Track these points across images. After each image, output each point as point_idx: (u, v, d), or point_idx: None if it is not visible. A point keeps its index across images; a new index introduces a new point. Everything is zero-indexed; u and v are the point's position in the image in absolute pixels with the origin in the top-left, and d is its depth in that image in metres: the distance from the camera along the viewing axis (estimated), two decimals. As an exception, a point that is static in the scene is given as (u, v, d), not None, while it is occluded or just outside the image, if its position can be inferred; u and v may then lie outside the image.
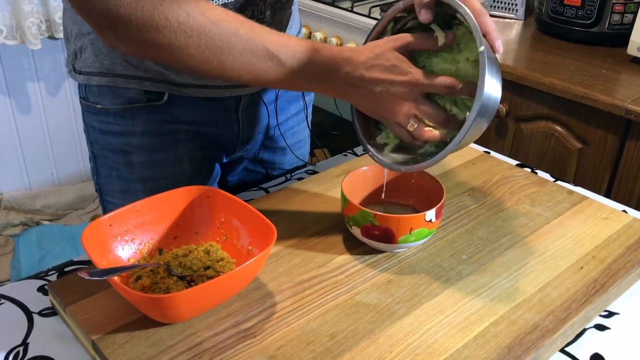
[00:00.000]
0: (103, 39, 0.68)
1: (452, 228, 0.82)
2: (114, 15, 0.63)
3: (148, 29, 0.64)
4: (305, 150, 1.10)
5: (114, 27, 0.64)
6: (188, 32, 0.64)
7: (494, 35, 0.66)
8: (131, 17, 0.63)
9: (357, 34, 1.81)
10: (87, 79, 0.84)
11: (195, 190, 0.74)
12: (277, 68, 0.68)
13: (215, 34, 0.65)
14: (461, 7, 0.65)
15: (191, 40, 0.65)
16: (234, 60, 0.66)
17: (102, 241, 0.69)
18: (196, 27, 0.64)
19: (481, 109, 0.64)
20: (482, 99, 0.64)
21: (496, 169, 0.98)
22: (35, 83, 2.20)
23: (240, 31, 0.66)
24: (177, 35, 0.64)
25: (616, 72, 1.41)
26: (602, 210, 0.87)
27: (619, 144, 1.32)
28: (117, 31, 0.65)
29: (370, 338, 0.64)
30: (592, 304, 0.70)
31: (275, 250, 0.77)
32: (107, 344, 0.62)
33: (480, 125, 0.67)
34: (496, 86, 0.66)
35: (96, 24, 0.67)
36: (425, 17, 0.67)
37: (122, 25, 0.64)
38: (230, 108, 0.91)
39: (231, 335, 0.64)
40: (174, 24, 0.64)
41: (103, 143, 0.88)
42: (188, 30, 0.64)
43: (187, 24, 0.64)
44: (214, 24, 0.65)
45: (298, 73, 0.68)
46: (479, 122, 0.66)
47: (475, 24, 0.65)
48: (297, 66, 0.68)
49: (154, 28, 0.64)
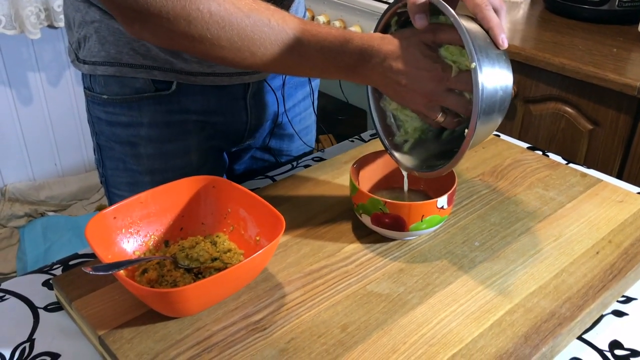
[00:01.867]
0: (130, 30, 0.66)
1: (463, 214, 0.80)
2: (143, 7, 0.62)
3: (179, 21, 0.62)
4: (312, 136, 1.08)
5: (144, 19, 0.63)
6: (220, 23, 0.63)
7: (496, 31, 0.64)
8: (162, 8, 0.61)
9: (361, 17, 1.78)
10: (92, 69, 0.82)
11: (201, 180, 0.73)
12: (308, 59, 0.67)
13: (247, 24, 0.64)
14: (452, 17, 0.63)
15: (223, 32, 0.63)
16: (266, 51, 0.66)
17: (107, 234, 0.67)
18: (228, 17, 0.63)
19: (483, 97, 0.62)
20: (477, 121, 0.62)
21: (507, 152, 0.96)
22: (36, 73, 2.18)
23: (272, 21, 0.65)
24: (209, 26, 0.63)
25: (627, 50, 1.38)
26: (617, 193, 0.85)
27: (631, 124, 1.30)
28: (147, 23, 0.63)
29: (383, 329, 0.62)
30: (610, 290, 0.68)
31: (284, 240, 0.75)
32: (114, 340, 0.61)
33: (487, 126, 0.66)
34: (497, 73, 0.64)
35: (124, 16, 0.65)
36: (421, 24, 0.66)
37: (153, 17, 0.62)
38: (238, 96, 0.89)
39: (240, 328, 0.62)
40: (206, 15, 0.62)
41: (109, 134, 0.87)
42: (220, 21, 0.63)
43: (219, 14, 0.63)
44: (246, 15, 0.64)
45: (328, 63, 0.68)
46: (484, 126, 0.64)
47: (467, 36, 0.62)
48: (328, 57, 0.67)
49: (185, 19, 0.62)
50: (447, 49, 0.68)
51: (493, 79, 0.63)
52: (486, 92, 0.62)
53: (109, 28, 0.78)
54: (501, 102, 0.65)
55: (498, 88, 0.64)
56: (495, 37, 0.64)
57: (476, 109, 0.62)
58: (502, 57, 0.65)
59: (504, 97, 0.65)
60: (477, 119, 0.62)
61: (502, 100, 0.65)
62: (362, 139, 1.05)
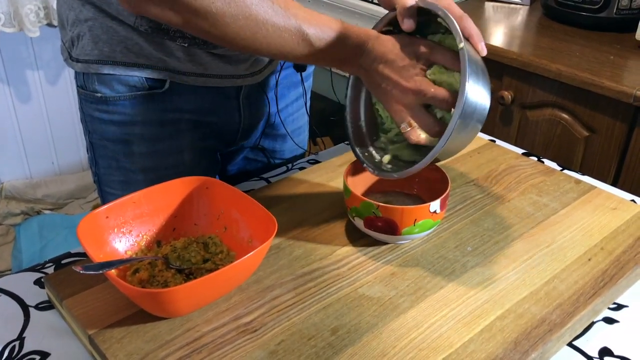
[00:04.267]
0: (128, 3, 0.66)
1: (457, 219, 0.80)
2: None
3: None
4: (305, 136, 1.08)
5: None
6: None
7: (476, 38, 0.68)
8: None
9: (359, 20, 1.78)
10: (85, 67, 0.82)
11: (194, 181, 0.73)
12: (306, 46, 0.68)
13: (251, 3, 0.65)
14: (440, 10, 0.67)
15: (227, 7, 0.64)
16: (267, 34, 0.66)
17: (99, 234, 0.67)
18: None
19: (464, 112, 0.64)
20: (465, 98, 0.64)
21: (502, 158, 0.96)
22: (35, 71, 2.18)
23: (275, 4, 0.66)
24: (214, 0, 0.63)
25: (624, 58, 1.38)
26: (611, 200, 0.85)
27: (627, 131, 1.30)
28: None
29: (373, 332, 0.62)
30: (601, 297, 0.68)
31: (276, 242, 0.75)
32: (104, 339, 0.61)
33: (465, 131, 0.67)
34: (480, 90, 0.66)
35: None
36: (408, 26, 0.69)
37: None
38: (231, 95, 0.89)
39: (231, 329, 0.62)
40: None
41: (102, 133, 0.86)
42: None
43: None
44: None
45: (324, 53, 0.70)
46: (463, 128, 0.66)
47: (455, 23, 0.66)
48: (325, 47, 0.69)
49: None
50: (439, 69, 0.70)
51: (476, 94, 0.65)
52: (467, 103, 0.64)
53: (103, 26, 0.78)
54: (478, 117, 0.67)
55: (478, 103, 0.66)
56: (475, 44, 0.67)
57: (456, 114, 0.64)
58: (482, 66, 0.68)
59: (481, 114, 0.68)
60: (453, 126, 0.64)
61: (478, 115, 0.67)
62: (357, 142, 1.05)
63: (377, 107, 0.79)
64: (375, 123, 0.80)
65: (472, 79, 0.64)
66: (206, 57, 0.82)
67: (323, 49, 0.69)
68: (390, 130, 0.78)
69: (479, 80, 0.66)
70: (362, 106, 0.80)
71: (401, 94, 0.70)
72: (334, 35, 0.69)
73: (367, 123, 0.80)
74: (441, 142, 0.66)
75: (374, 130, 0.79)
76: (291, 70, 0.98)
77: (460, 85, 0.64)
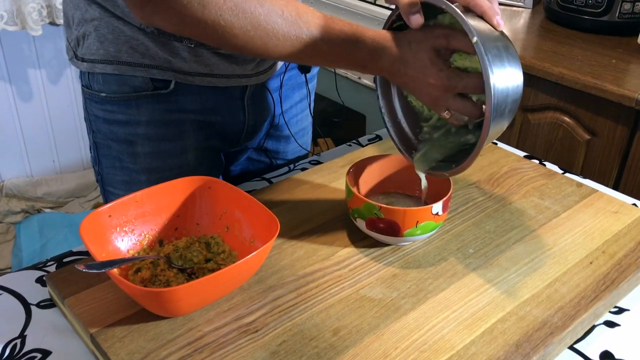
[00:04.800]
0: (140, 13, 0.65)
1: (459, 221, 0.80)
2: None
3: (193, 4, 0.62)
4: (308, 138, 1.08)
5: (155, 1, 0.62)
6: (234, 10, 0.63)
7: (490, 13, 0.65)
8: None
9: (362, 21, 1.78)
10: (90, 67, 0.82)
11: (197, 180, 0.73)
12: (319, 53, 0.68)
13: (260, 13, 0.64)
14: (444, 4, 0.64)
15: (236, 19, 0.63)
16: (278, 42, 0.66)
17: (101, 232, 0.67)
18: (242, 4, 0.63)
19: (496, 104, 0.62)
20: (493, 92, 0.62)
21: (504, 160, 0.96)
22: (37, 70, 2.18)
23: (285, 13, 0.65)
24: (222, 12, 0.62)
25: (626, 62, 1.38)
26: (612, 204, 0.85)
27: (629, 135, 1.30)
28: (160, 5, 0.62)
29: (374, 334, 0.63)
30: (602, 300, 0.68)
31: (278, 242, 0.75)
32: (105, 338, 0.61)
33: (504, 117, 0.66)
34: (508, 73, 0.64)
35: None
36: (416, 23, 0.67)
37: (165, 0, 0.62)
38: (236, 96, 0.89)
39: (232, 329, 0.62)
40: (220, 0, 0.62)
41: (106, 132, 0.86)
42: (234, 7, 0.63)
43: (233, 0, 0.62)
44: (259, 3, 0.64)
45: (340, 58, 0.69)
46: (499, 116, 0.64)
47: (462, 16, 0.63)
48: (340, 52, 0.68)
49: (199, 3, 0.62)
50: (460, 56, 0.69)
51: (503, 76, 0.63)
52: (497, 90, 0.62)
53: (109, 26, 0.78)
54: (512, 98, 0.65)
55: (509, 87, 0.64)
56: (490, 20, 0.65)
57: (489, 110, 0.62)
58: (511, 51, 0.65)
59: (515, 94, 0.65)
60: (490, 121, 0.63)
61: (513, 96, 0.65)
62: (359, 143, 1.05)
63: (410, 99, 0.78)
64: (414, 114, 0.78)
65: (495, 67, 0.62)
66: (212, 58, 0.82)
67: (338, 54, 0.68)
68: (431, 117, 0.77)
69: (503, 62, 0.63)
70: (396, 101, 0.78)
71: (431, 90, 0.68)
72: (349, 40, 0.68)
73: (406, 116, 0.78)
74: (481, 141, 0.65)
75: (416, 122, 0.78)
76: (296, 72, 0.98)
77: (485, 83, 0.61)
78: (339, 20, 0.68)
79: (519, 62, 0.66)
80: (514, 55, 0.65)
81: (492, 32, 0.65)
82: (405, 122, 0.79)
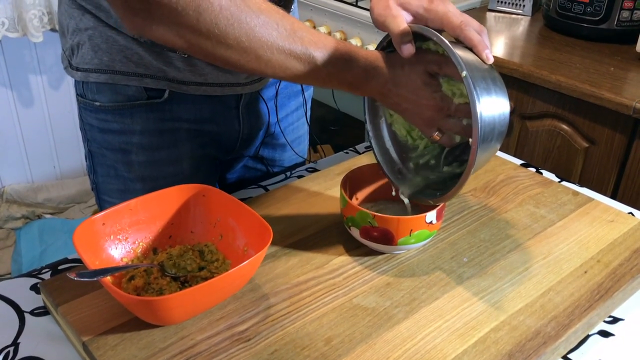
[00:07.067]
0: (131, 24, 0.63)
1: (453, 229, 0.80)
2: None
3: (188, 12, 0.60)
4: (305, 146, 1.08)
5: (149, 9, 0.60)
6: (229, 19, 0.61)
7: (480, 47, 0.66)
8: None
9: (361, 29, 1.78)
10: (84, 76, 0.82)
11: (191, 188, 0.73)
12: (312, 70, 0.67)
13: (256, 24, 0.63)
14: (435, 35, 0.65)
15: (231, 29, 0.62)
16: (272, 56, 0.64)
17: (95, 240, 0.67)
18: (237, 14, 0.62)
19: (483, 135, 0.63)
20: (480, 123, 0.62)
21: (500, 168, 0.96)
22: (38, 76, 2.19)
23: (280, 26, 0.64)
24: (217, 20, 0.61)
25: (624, 70, 1.38)
26: (608, 213, 0.85)
27: (627, 143, 1.30)
28: (152, 13, 0.60)
29: (367, 343, 0.62)
30: (596, 310, 0.68)
31: (272, 250, 0.75)
32: (98, 346, 0.61)
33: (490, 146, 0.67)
34: (495, 104, 0.65)
35: (127, 6, 0.61)
36: (407, 53, 0.68)
37: (160, 7, 0.60)
38: (230, 105, 0.89)
39: (225, 338, 0.62)
40: (216, 8, 0.60)
41: (101, 141, 0.87)
42: (229, 16, 0.61)
43: (229, 9, 0.61)
44: (256, 15, 0.63)
45: (332, 77, 0.68)
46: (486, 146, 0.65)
47: (452, 49, 0.63)
48: (332, 71, 0.67)
49: (194, 10, 0.60)
50: (449, 82, 0.70)
51: (490, 108, 0.64)
52: (484, 121, 0.63)
53: (102, 35, 0.79)
54: (499, 129, 0.66)
55: (495, 116, 0.65)
56: (479, 54, 0.66)
57: (476, 137, 0.63)
58: (498, 84, 0.66)
59: (502, 125, 0.67)
60: (477, 148, 0.63)
61: (499, 128, 0.66)
62: (356, 150, 1.05)
63: (395, 128, 0.79)
64: (400, 142, 0.79)
65: (483, 98, 0.63)
66: (206, 67, 0.82)
67: (331, 72, 0.67)
68: (417, 146, 0.78)
69: (490, 94, 0.64)
70: (384, 128, 0.79)
71: (424, 111, 0.70)
72: (342, 58, 0.67)
73: (393, 141, 0.79)
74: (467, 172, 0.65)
75: (403, 149, 0.79)
76: None
77: (472, 114, 0.62)
78: (333, 39, 0.68)
79: (505, 93, 0.67)
80: (501, 86, 0.67)
81: (481, 64, 0.66)
82: (392, 148, 0.80)
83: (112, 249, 0.69)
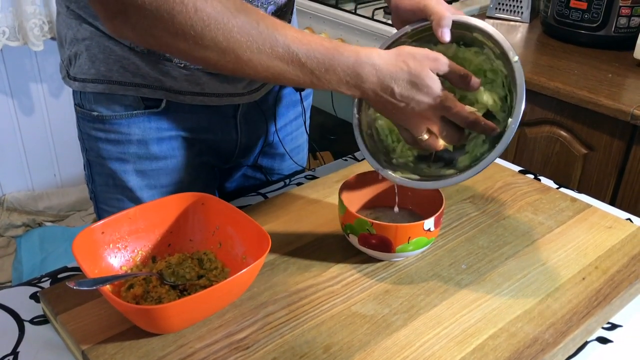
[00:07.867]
0: (111, 26, 0.63)
1: (452, 236, 0.81)
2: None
3: (162, 15, 0.60)
4: (304, 155, 1.08)
5: (126, 11, 0.60)
6: (205, 21, 0.60)
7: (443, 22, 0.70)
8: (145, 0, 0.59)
9: (361, 36, 1.79)
10: (82, 86, 0.83)
11: (190, 197, 0.73)
12: (297, 68, 0.64)
13: (233, 25, 0.61)
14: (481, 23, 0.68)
15: (207, 30, 0.61)
16: (252, 55, 0.62)
17: (94, 249, 0.68)
18: (214, 15, 0.60)
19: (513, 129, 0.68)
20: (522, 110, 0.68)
21: (498, 175, 0.96)
22: (38, 84, 2.19)
23: (260, 25, 0.62)
24: (193, 22, 0.60)
25: (622, 76, 1.39)
26: (606, 219, 0.85)
27: (625, 149, 1.30)
28: (129, 16, 0.60)
29: (365, 350, 0.63)
30: (595, 317, 0.68)
31: (271, 258, 0.75)
32: (97, 354, 0.61)
33: None
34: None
35: (106, 10, 0.62)
36: (447, 36, 0.69)
37: (135, 9, 0.60)
38: (228, 114, 0.89)
39: (223, 346, 0.63)
40: (191, 10, 0.60)
41: (99, 151, 0.87)
42: (205, 18, 0.60)
43: (205, 11, 0.60)
44: (233, 15, 0.61)
45: (319, 75, 0.65)
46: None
47: (501, 36, 0.66)
48: (319, 68, 0.64)
49: (168, 13, 0.59)
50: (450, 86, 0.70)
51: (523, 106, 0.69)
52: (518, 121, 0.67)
53: (100, 46, 0.79)
54: None
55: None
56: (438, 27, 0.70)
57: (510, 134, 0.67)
58: None
59: None
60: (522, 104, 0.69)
61: None
62: (355, 158, 1.05)
63: (378, 125, 0.78)
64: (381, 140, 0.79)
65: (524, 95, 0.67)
66: (203, 77, 0.82)
67: (317, 70, 0.64)
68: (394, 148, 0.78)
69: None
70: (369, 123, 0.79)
71: (424, 109, 0.67)
72: (328, 53, 0.64)
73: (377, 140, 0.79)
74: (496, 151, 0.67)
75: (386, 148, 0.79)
76: (290, 89, 0.98)
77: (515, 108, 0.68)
78: (318, 36, 0.66)
79: None
80: None
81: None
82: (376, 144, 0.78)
83: (111, 257, 0.69)
